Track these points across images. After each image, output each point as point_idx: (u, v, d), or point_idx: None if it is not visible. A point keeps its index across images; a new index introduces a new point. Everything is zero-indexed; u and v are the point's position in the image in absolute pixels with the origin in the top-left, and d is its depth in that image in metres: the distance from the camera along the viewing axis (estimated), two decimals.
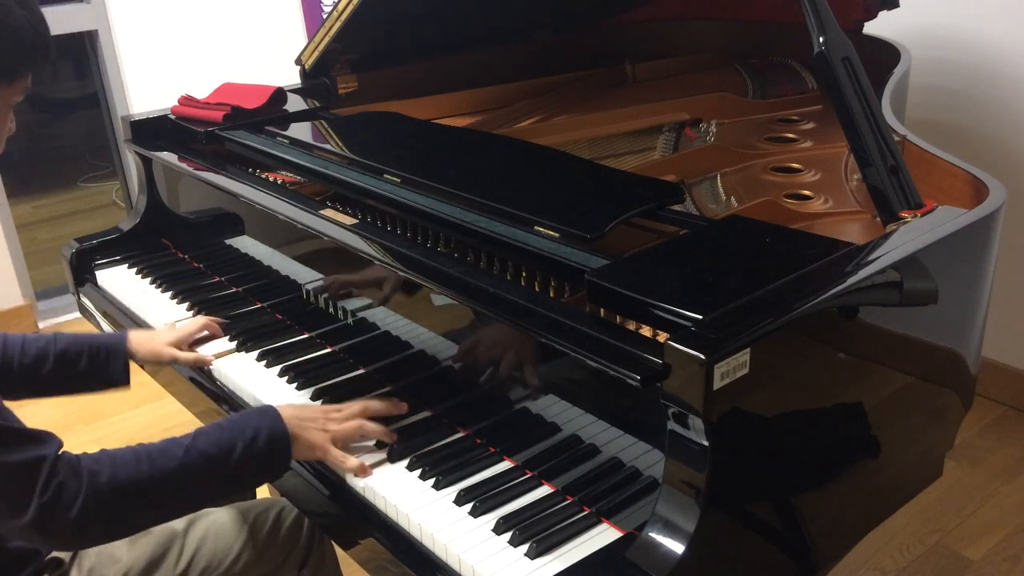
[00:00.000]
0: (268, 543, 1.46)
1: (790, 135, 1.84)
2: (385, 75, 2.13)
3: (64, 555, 1.33)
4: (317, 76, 2.08)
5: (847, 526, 1.19)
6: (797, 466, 1.10)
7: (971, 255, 1.25)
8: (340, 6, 1.90)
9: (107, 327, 1.86)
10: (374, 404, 1.32)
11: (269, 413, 1.23)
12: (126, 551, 1.37)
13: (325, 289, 1.53)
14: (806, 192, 1.56)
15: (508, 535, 1.08)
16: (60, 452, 1.10)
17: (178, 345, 1.56)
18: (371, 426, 1.28)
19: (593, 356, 1.04)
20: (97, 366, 1.50)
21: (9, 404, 1.13)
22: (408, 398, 1.38)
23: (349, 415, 1.29)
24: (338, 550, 1.55)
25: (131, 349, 1.53)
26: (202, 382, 1.56)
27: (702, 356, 0.92)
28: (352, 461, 1.24)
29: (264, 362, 1.51)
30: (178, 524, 1.43)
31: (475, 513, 1.13)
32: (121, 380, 1.52)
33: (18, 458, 1.06)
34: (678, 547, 0.95)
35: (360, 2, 1.86)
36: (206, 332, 1.60)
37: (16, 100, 1.22)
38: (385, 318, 1.43)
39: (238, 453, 1.17)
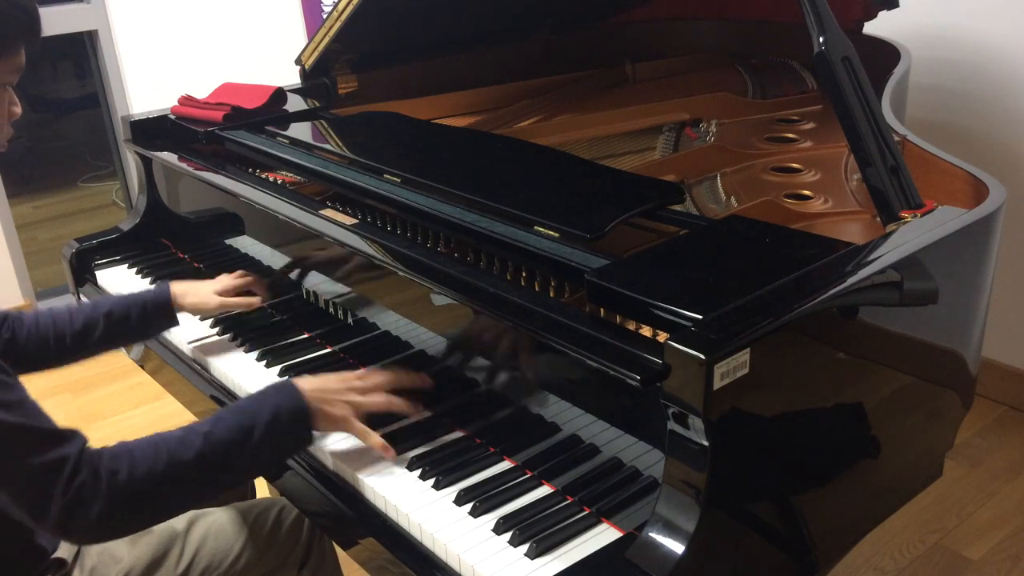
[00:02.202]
0: (268, 543, 1.46)
1: (790, 135, 1.84)
2: (385, 75, 2.13)
3: (67, 555, 1.34)
4: (317, 76, 2.08)
5: (847, 526, 1.19)
6: (797, 466, 1.10)
7: (971, 255, 1.25)
8: (340, 6, 1.90)
9: None
10: (400, 376, 1.29)
11: (287, 389, 1.20)
12: (127, 551, 1.37)
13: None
14: (806, 192, 1.56)
15: (508, 535, 1.08)
16: (83, 449, 1.09)
17: (223, 294, 1.60)
18: (398, 400, 1.26)
19: (593, 356, 1.04)
20: (147, 321, 1.55)
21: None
22: (408, 398, 1.38)
23: (373, 386, 1.26)
24: (338, 550, 1.55)
25: (175, 301, 1.57)
26: (202, 382, 1.56)
27: (702, 356, 0.92)
28: (375, 437, 1.22)
29: (264, 362, 1.51)
30: (179, 524, 1.43)
31: (475, 513, 1.13)
32: (172, 324, 1.60)
33: (42, 459, 1.05)
34: (678, 547, 0.95)
35: (360, 2, 1.86)
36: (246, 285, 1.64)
37: (10, 80, 1.22)
38: (385, 318, 1.43)
39: (258, 435, 1.15)
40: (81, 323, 1.49)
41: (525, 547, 1.06)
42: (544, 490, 1.16)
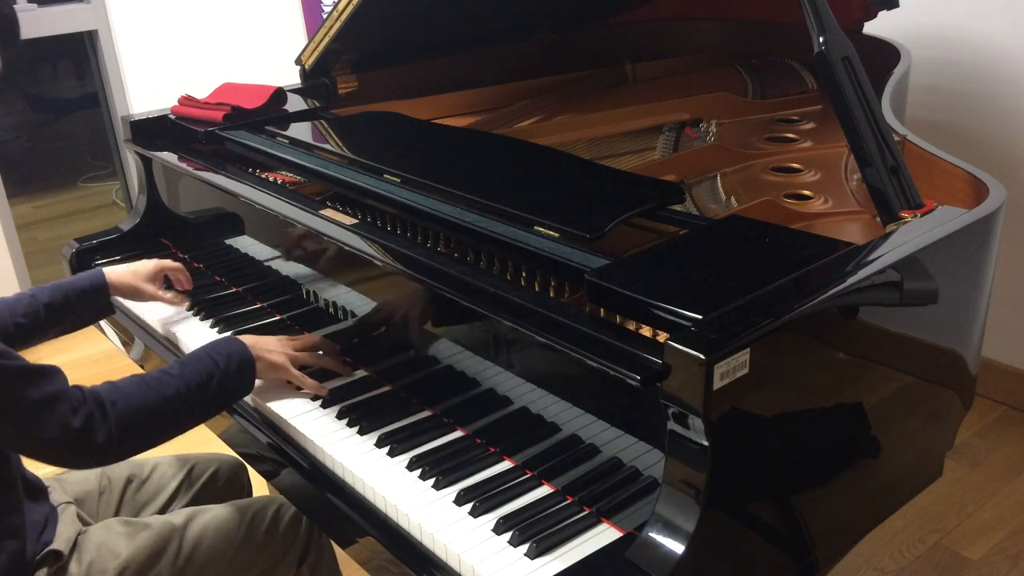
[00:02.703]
0: (266, 540, 1.47)
1: (790, 135, 1.84)
2: (385, 75, 2.13)
3: (63, 548, 1.34)
4: (317, 76, 2.08)
5: (847, 526, 1.19)
6: (797, 466, 1.10)
7: (971, 255, 1.25)
8: (340, 6, 1.90)
9: (108, 327, 1.86)
10: (326, 342, 1.49)
11: (233, 341, 1.39)
12: (125, 545, 1.38)
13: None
14: (806, 192, 1.56)
15: (508, 535, 1.08)
16: (74, 386, 1.22)
17: (152, 279, 1.67)
18: (324, 358, 1.45)
19: (593, 356, 1.04)
20: (86, 307, 1.62)
21: None
22: (409, 397, 1.38)
23: (305, 344, 1.46)
24: (337, 549, 1.55)
25: (111, 284, 1.64)
26: None
27: (702, 356, 0.92)
28: (310, 381, 1.41)
29: None
30: (177, 520, 1.43)
31: (475, 513, 1.13)
32: (108, 311, 1.70)
33: (38, 393, 1.18)
34: (678, 547, 0.95)
35: (360, 2, 1.86)
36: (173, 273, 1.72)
37: None
38: (385, 318, 1.43)
39: (216, 378, 1.33)
40: (22, 313, 1.53)
41: (525, 547, 1.06)
42: (544, 490, 1.16)
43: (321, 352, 1.47)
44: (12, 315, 1.52)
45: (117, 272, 1.65)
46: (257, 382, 1.41)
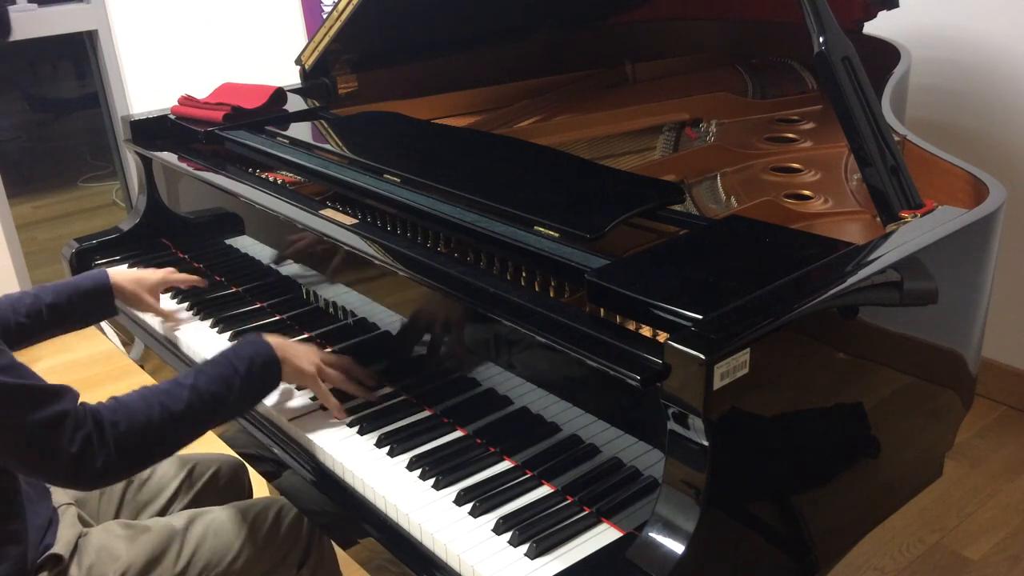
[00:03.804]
0: (267, 542, 1.47)
1: (790, 135, 1.84)
2: (385, 75, 2.13)
3: (63, 551, 1.34)
4: (317, 76, 2.08)
5: (847, 526, 1.19)
6: (797, 466, 1.10)
7: (971, 255, 1.25)
8: (340, 6, 1.90)
9: (107, 327, 1.86)
10: (357, 367, 1.42)
11: (257, 343, 1.32)
12: (125, 549, 1.37)
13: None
14: (806, 192, 1.56)
15: (508, 535, 1.08)
16: (79, 403, 1.17)
17: (156, 291, 1.67)
18: (360, 369, 1.39)
19: (593, 356, 1.04)
20: (89, 308, 1.61)
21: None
22: (409, 397, 1.38)
23: (337, 363, 1.38)
24: (338, 550, 1.55)
25: (114, 286, 1.63)
26: None
27: (702, 356, 0.92)
28: (333, 400, 1.34)
29: None
30: (177, 522, 1.43)
31: (475, 513, 1.13)
32: (111, 313, 1.67)
33: (43, 415, 1.13)
34: (678, 547, 0.95)
35: (360, 2, 1.86)
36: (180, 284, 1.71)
37: None
38: (385, 318, 1.43)
39: (237, 385, 1.27)
40: (25, 313, 1.52)
41: (525, 547, 1.06)
42: (544, 490, 1.16)
43: (349, 376, 1.40)
44: (15, 313, 1.52)
45: (122, 276, 1.65)
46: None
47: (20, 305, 1.53)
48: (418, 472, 1.21)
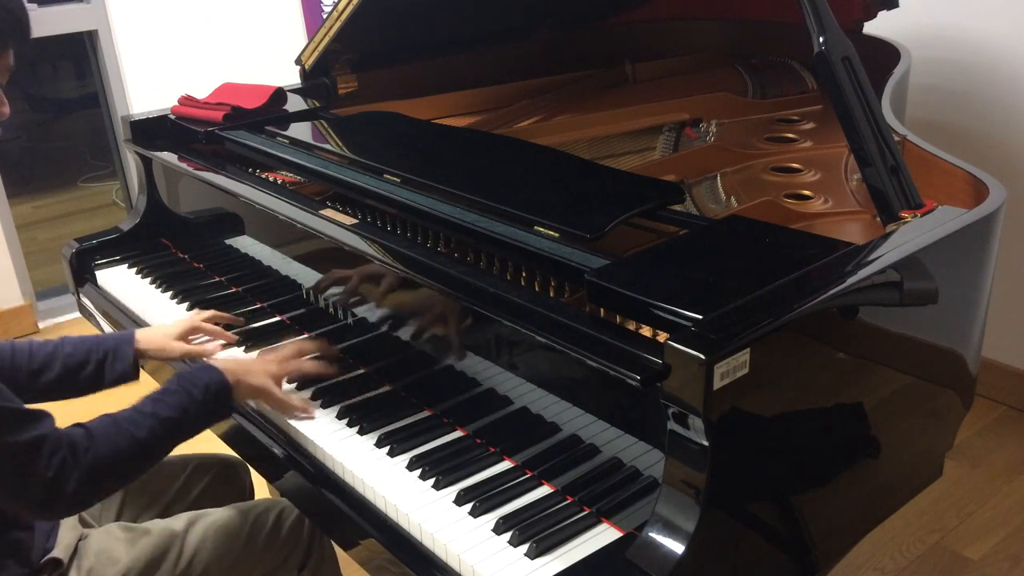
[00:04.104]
0: (268, 544, 1.46)
1: (790, 135, 1.84)
2: (385, 75, 2.12)
3: (63, 555, 1.33)
4: (317, 76, 2.08)
5: (847, 526, 1.19)
6: (797, 466, 1.10)
7: (971, 255, 1.25)
8: (340, 6, 1.90)
9: (107, 327, 1.86)
10: (306, 344, 1.47)
11: (210, 370, 1.34)
12: (125, 552, 1.37)
13: (325, 288, 1.53)
14: (806, 192, 1.56)
15: (508, 535, 1.08)
16: (54, 428, 1.17)
17: (183, 338, 1.57)
18: (308, 365, 1.43)
19: (593, 356, 1.04)
20: (103, 369, 1.49)
21: None
22: (408, 397, 1.38)
23: (284, 357, 1.42)
24: (338, 551, 1.55)
25: (139, 348, 1.52)
26: None
27: (702, 356, 0.92)
28: (295, 399, 1.37)
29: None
30: (178, 525, 1.43)
31: (475, 513, 1.13)
32: (130, 376, 1.53)
33: (22, 438, 1.13)
34: (678, 547, 0.95)
35: (360, 2, 1.86)
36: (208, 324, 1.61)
37: (1, 80, 1.23)
38: (385, 318, 1.43)
39: (192, 411, 1.29)
40: (39, 362, 1.45)
41: (525, 547, 1.06)
42: (544, 490, 1.16)
43: (305, 357, 1.43)
44: (31, 361, 1.45)
45: (147, 334, 1.56)
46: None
47: (37, 351, 1.46)
48: (418, 472, 1.21)
